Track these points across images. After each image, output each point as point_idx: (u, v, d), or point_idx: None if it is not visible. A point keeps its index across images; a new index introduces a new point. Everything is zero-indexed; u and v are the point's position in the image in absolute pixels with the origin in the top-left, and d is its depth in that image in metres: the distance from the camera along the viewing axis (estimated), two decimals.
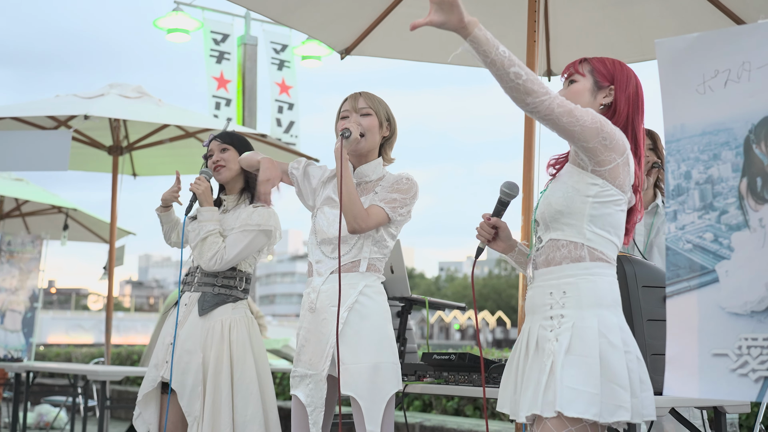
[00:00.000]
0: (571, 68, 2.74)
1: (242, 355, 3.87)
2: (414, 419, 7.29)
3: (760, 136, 2.08)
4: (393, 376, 3.19)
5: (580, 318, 2.48)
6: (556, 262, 2.57)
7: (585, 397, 2.38)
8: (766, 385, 2.03)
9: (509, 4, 4.91)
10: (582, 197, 2.54)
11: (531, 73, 2.39)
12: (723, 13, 4.55)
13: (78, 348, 16.38)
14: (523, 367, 2.59)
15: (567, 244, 2.56)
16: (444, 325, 66.82)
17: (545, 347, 2.50)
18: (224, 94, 10.78)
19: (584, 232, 2.54)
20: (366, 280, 3.24)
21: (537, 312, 2.60)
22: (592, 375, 2.39)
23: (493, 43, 2.35)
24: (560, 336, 2.47)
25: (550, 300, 2.55)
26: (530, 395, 2.49)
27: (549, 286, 2.57)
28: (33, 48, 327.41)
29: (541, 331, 2.54)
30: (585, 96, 2.67)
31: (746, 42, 2.11)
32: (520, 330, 2.75)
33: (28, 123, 7.08)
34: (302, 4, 4.94)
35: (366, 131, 3.31)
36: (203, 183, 3.93)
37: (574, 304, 2.51)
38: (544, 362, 2.48)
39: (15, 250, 8.30)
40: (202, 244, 3.87)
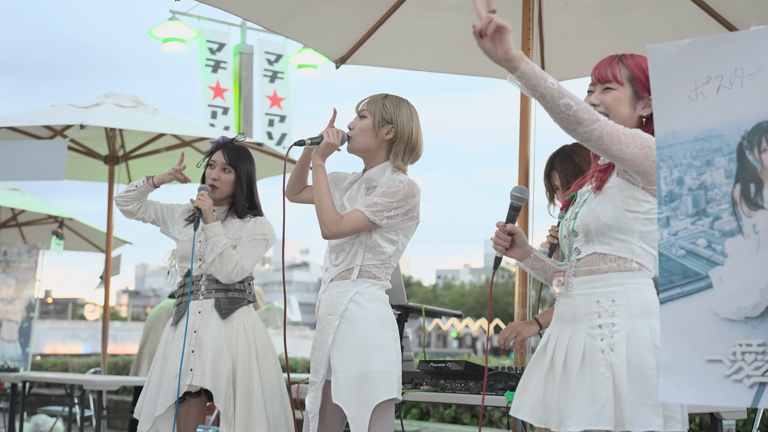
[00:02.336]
0: (608, 72, 2.63)
1: (266, 356, 4.00)
2: (411, 427, 7.28)
3: (753, 143, 2.08)
4: (381, 385, 3.13)
5: (633, 327, 2.44)
6: (602, 271, 2.52)
7: (648, 411, 2.36)
8: (761, 391, 2.03)
9: (503, 10, 4.89)
10: (633, 213, 2.50)
11: (581, 102, 2.33)
12: (716, 21, 4.56)
13: (74, 358, 16.35)
14: (562, 376, 2.51)
15: (615, 259, 2.51)
16: (441, 333, 66.72)
17: (597, 357, 2.43)
18: (221, 103, 10.79)
19: (634, 249, 2.51)
20: (357, 288, 3.23)
21: (581, 320, 2.52)
22: (652, 387, 2.36)
23: (541, 77, 2.30)
24: (615, 346, 2.42)
25: (598, 308, 2.49)
26: (584, 408, 2.41)
27: (595, 294, 2.51)
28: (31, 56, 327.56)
29: (590, 340, 2.47)
30: (625, 108, 2.59)
31: (738, 48, 2.11)
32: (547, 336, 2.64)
33: (24, 133, 7.08)
34: (297, 13, 4.95)
35: (353, 132, 3.33)
36: (207, 200, 4.01)
37: (625, 312, 2.46)
38: (601, 373, 2.41)
39: (11, 260, 8.29)
40: (220, 259, 3.96)
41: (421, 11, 5.07)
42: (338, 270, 3.27)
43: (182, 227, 4.14)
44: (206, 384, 3.89)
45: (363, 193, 3.32)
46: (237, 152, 4.12)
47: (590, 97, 2.63)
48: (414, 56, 5.51)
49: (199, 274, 4.03)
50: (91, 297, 72.43)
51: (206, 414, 6.44)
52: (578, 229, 2.57)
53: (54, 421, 9.69)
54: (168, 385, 3.94)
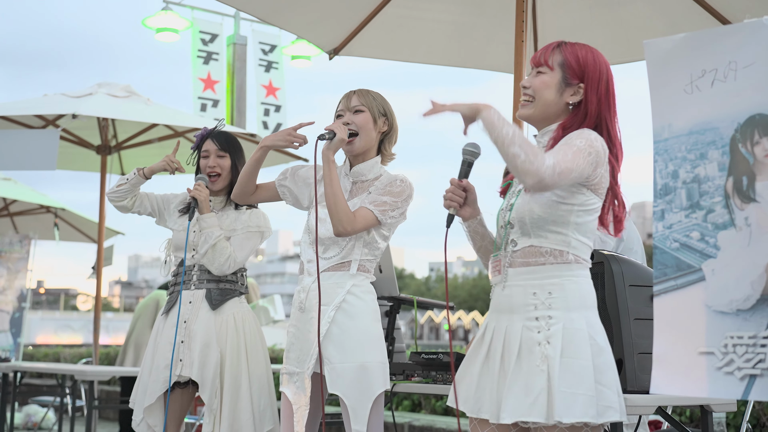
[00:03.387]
0: (541, 57, 2.63)
1: (255, 348, 3.98)
2: (403, 419, 7.29)
3: (746, 135, 2.09)
4: (380, 376, 3.17)
5: (569, 320, 2.45)
6: (539, 263, 2.51)
7: (582, 401, 2.36)
8: (751, 383, 2.04)
9: (497, 4, 4.92)
10: (567, 205, 2.49)
11: (531, 152, 2.34)
12: (709, 14, 4.57)
13: (66, 348, 16.33)
14: (500, 368, 2.51)
15: (551, 252, 2.51)
16: (434, 326, 66.85)
17: (534, 349, 2.44)
18: (211, 95, 10.75)
19: (570, 241, 2.50)
20: (354, 280, 3.23)
21: (517, 312, 2.52)
22: (586, 377, 2.38)
23: (497, 125, 2.37)
24: (551, 338, 2.42)
25: (534, 300, 2.49)
26: (518, 400, 2.42)
27: (531, 286, 2.51)
28: (24, 46, 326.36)
29: (526, 332, 2.47)
30: (550, 92, 2.59)
31: (732, 42, 2.12)
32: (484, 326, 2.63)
33: (16, 122, 7.05)
34: (291, 4, 4.94)
35: (359, 129, 3.28)
36: (204, 190, 3.99)
37: (562, 305, 2.46)
38: (536, 366, 2.42)
39: (3, 250, 8.28)
40: (213, 251, 3.95)
41: (415, 3, 5.06)
42: (330, 263, 3.26)
43: (177, 217, 4.13)
44: (194, 375, 3.88)
45: (348, 188, 3.31)
46: (227, 138, 4.11)
47: (523, 80, 2.67)
48: (407, 48, 5.50)
49: (191, 264, 4.02)
50: (84, 288, 72.38)
51: (197, 405, 6.44)
52: (514, 221, 2.57)
53: (45, 411, 9.69)
54: (157, 376, 3.93)
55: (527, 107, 2.63)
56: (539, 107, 2.61)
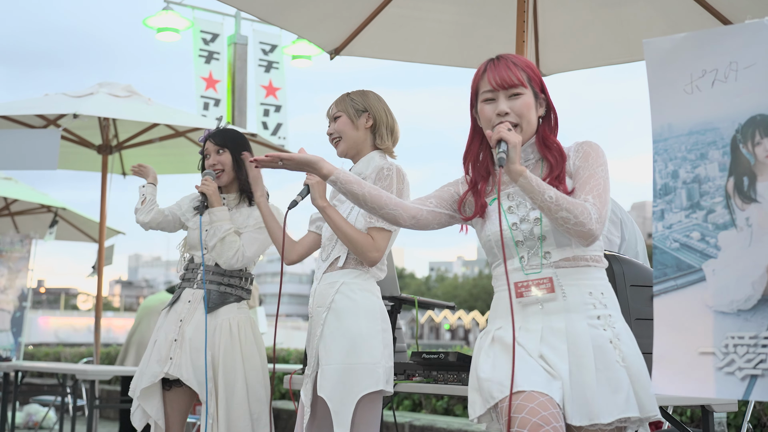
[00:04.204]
0: (512, 77, 2.51)
1: (251, 353, 3.95)
2: (403, 419, 7.29)
3: (747, 136, 2.09)
4: (365, 378, 3.11)
5: (621, 320, 2.50)
6: (585, 265, 2.50)
7: (653, 397, 2.44)
8: (752, 384, 2.04)
9: (498, 4, 4.92)
10: None
11: (578, 210, 2.37)
12: (710, 14, 4.57)
13: (67, 347, 16.33)
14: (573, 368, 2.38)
15: (592, 257, 2.52)
16: (434, 325, 66.82)
17: (607, 346, 2.41)
18: (213, 95, 10.76)
19: (602, 245, 2.56)
20: (345, 278, 3.23)
21: (576, 311, 2.44)
22: (647, 374, 2.43)
23: (537, 190, 2.38)
24: (620, 336, 2.45)
25: (591, 299, 2.47)
26: (610, 397, 2.37)
27: (585, 285, 2.48)
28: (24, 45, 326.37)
29: (593, 330, 2.43)
30: (533, 111, 2.54)
31: (733, 42, 2.12)
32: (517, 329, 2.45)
33: (17, 122, 7.05)
34: (291, 4, 4.94)
35: (340, 133, 3.37)
36: (211, 184, 4.00)
37: (613, 305, 2.51)
38: (617, 362, 2.40)
39: (4, 249, 8.28)
40: (221, 244, 3.95)
41: (416, 3, 5.07)
42: (328, 262, 3.28)
43: (192, 216, 4.13)
44: (182, 376, 3.90)
45: None
46: (224, 134, 4.11)
47: (491, 105, 2.53)
48: (408, 48, 5.50)
49: (199, 263, 4.04)
50: (84, 287, 72.41)
51: (196, 404, 6.44)
52: (547, 234, 2.48)
53: (46, 410, 9.70)
54: (149, 369, 3.98)
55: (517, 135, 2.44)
56: (527, 131, 2.54)
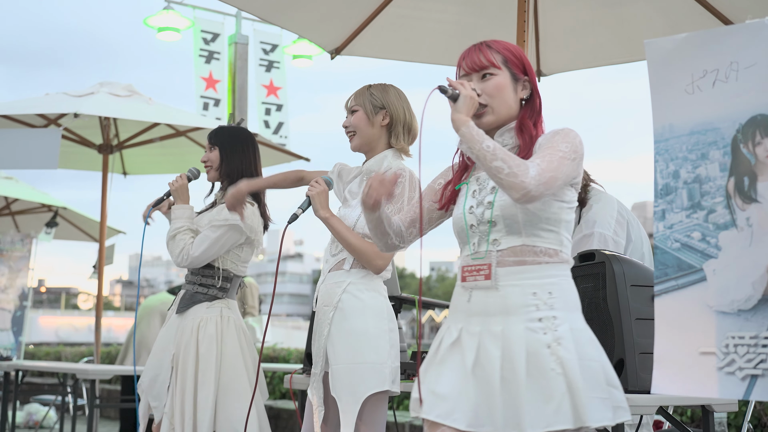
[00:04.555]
0: (482, 58, 2.49)
1: (206, 357, 3.82)
2: (404, 419, 7.29)
3: (748, 136, 2.09)
4: (371, 377, 3.09)
5: (573, 320, 2.33)
6: (535, 262, 2.37)
7: (599, 404, 2.27)
8: (753, 384, 2.04)
9: (499, 4, 4.92)
10: (560, 203, 2.39)
11: (515, 163, 2.27)
12: (711, 14, 4.57)
13: (68, 347, 16.34)
14: (500, 375, 2.30)
15: (545, 251, 2.38)
16: (435, 325, 66.79)
17: (543, 352, 2.28)
18: (213, 95, 10.76)
19: (562, 240, 2.40)
20: (351, 278, 3.22)
21: (515, 313, 2.34)
22: (599, 380, 2.29)
23: (477, 139, 2.31)
24: (561, 340, 2.28)
25: (535, 300, 2.34)
26: (540, 408, 2.25)
27: (530, 285, 2.35)
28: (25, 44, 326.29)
29: (531, 334, 2.30)
30: (509, 91, 2.48)
31: (734, 42, 2.12)
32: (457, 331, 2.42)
33: (18, 121, 7.05)
34: (292, 4, 4.94)
35: (355, 128, 3.33)
36: (179, 181, 3.98)
37: (562, 305, 2.34)
38: (552, 369, 2.26)
39: (4, 249, 8.28)
40: (171, 242, 3.90)
41: (417, 3, 5.07)
42: (335, 260, 3.28)
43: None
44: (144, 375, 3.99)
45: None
46: (219, 131, 4.08)
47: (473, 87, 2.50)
48: (409, 47, 5.50)
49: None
50: (85, 286, 72.42)
51: None
52: (498, 219, 2.41)
53: (47, 410, 9.70)
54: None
55: (486, 116, 2.47)
56: (503, 111, 2.49)
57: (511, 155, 2.30)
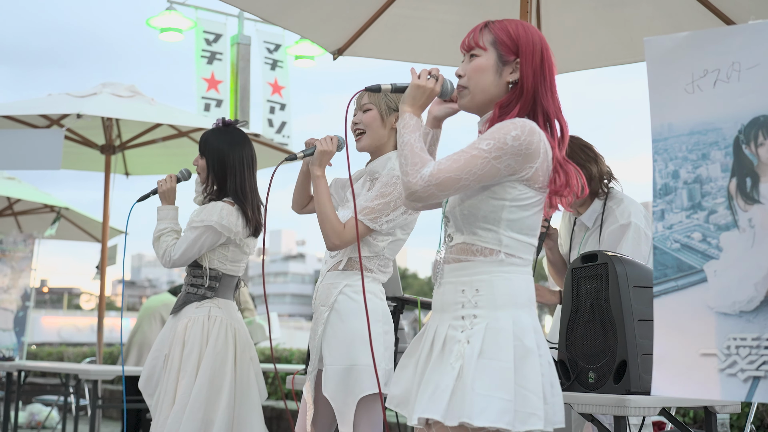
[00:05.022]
0: (471, 40, 2.48)
1: (188, 357, 3.84)
2: (404, 418, 7.29)
3: (750, 137, 2.09)
4: (366, 379, 3.10)
5: (494, 319, 2.28)
6: (470, 259, 2.36)
7: (498, 405, 2.18)
8: (755, 385, 2.04)
9: (501, 5, 4.92)
10: (497, 201, 2.33)
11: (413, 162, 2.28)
12: (714, 15, 4.57)
13: (70, 347, 16.35)
14: (423, 366, 2.38)
15: (482, 250, 2.35)
16: None
17: (453, 348, 2.29)
18: (214, 95, 10.76)
19: (501, 239, 2.33)
20: (348, 280, 3.22)
21: (447, 310, 2.37)
22: (506, 380, 2.20)
23: (401, 131, 2.36)
24: (472, 338, 2.26)
25: (462, 298, 2.34)
26: (428, 397, 2.27)
27: (461, 283, 2.35)
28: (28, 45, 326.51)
29: (451, 331, 2.32)
30: (488, 75, 2.41)
31: (736, 42, 2.12)
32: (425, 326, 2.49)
33: (21, 122, 7.06)
34: (294, 4, 4.94)
35: (366, 127, 3.30)
36: (168, 183, 3.98)
37: (488, 303, 2.30)
38: (450, 364, 2.26)
39: (7, 249, 8.29)
40: (156, 243, 3.94)
41: (419, 3, 5.07)
42: (333, 261, 3.28)
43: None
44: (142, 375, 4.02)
45: (368, 187, 3.30)
46: (207, 134, 4.06)
47: (458, 68, 2.50)
48: (411, 48, 5.50)
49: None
50: (87, 287, 72.48)
51: None
52: (448, 215, 2.43)
53: (49, 410, 9.70)
54: None
55: (463, 97, 2.45)
56: (478, 94, 2.43)
57: (419, 155, 2.30)
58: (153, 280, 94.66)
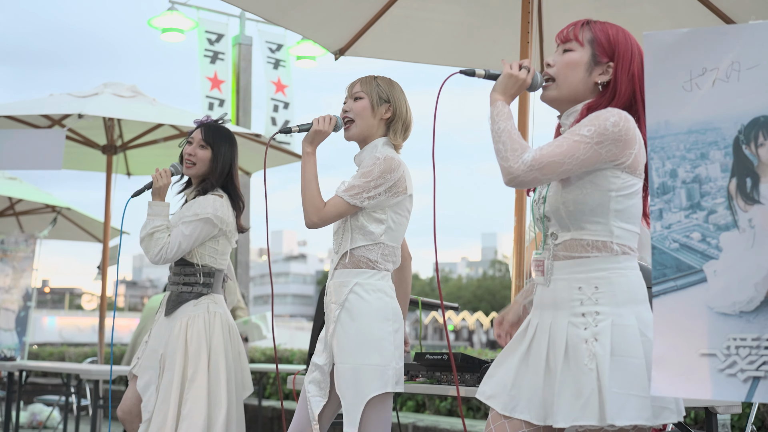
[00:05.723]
0: (570, 32, 2.50)
1: (197, 353, 3.87)
2: (407, 419, 7.29)
3: (750, 137, 2.08)
4: (375, 379, 3.11)
5: (619, 315, 2.31)
6: (583, 255, 2.38)
7: (635, 402, 2.24)
8: (755, 386, 2.04)
9: (503, 5, 4.92)
10: (603, 192, 2.36)
11: (512, 147, 2.33)
12: (715, 15, 4.57)
13: (71, 347, 16.35)
14: (545, 366, 2.38)
15: (593, 243, 2.37)
16: (438, 326, 66.75)
17: (581, 347, 2.31)
18: (217, 95, 10.77)
19: (612, 230, 2.36)
20: (358, 278, 3.20)
21: (562, 307, 2.38)
22: (639, 377, 2.26)
23: (495, 119, 2.39)
24: (599, 335, 2.29)
25: (580, 295, 2.36)
26: (571, 402, 2.29)
27: (576, 279, 2.38)
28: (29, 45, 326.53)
29: (572, 329, 2.34)
30: (579, 71, 2.46)
31: (736, 41, 2.11)
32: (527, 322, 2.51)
33: (22, 122, 7.07)
34: (296, 5, 4.95)
35: (355, 116, 3.30)
36: (165, 178, 3.96)
37: (609, 300, 2.33)
38: (586, 365, 2.28)
39: (8, 249, 8.30)
40: (149, 240, 3.90)
41: (421, 3, 5.07)
42: (338, 257, 3.28)
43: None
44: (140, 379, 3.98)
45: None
46: (215, 130, 4.08)
47: (549, 57, 2.54)
48: (413, 48, 5.50)
49: (171, 265, 4.05)
50: (89, 287, 72.51)
51: None
52: (549, 215, 2.45)
53: (50, 410, 9.70)
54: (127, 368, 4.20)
55: (550, 89, 2.50)
56: (565, 88, 2.48)
57: (517, 141, 2.34)
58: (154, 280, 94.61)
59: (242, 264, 11.28)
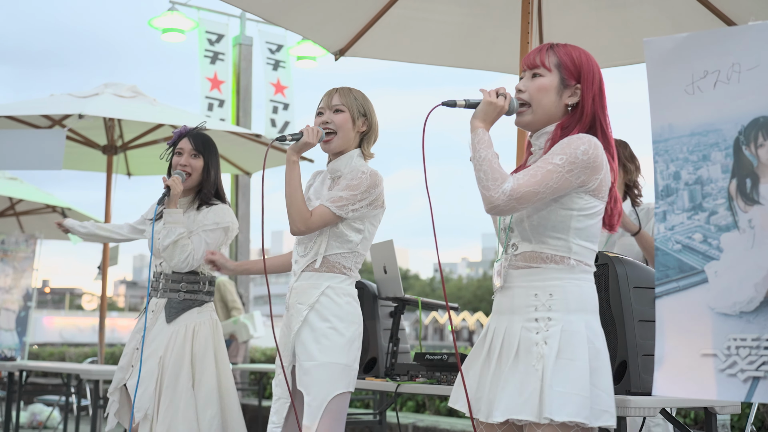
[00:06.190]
0: (536, 58, 2.59)
1: (203, 358, 3.95)
2: (407, 420, 7.30)
3: (750, 138, 2.09)
4: (342, 378, 3.20)
5: (569, 322, 2.43)
6: (540, 266, 2.50)
7: (576, 401, 2.34)
8: (755, 386, 2.04)
9: (503, 5, 4.92)
10: (567, 211, 2.48)
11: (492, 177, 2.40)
12: (715, 16, 4.57)
13: (72, 347, 16.36)
14: (497, 367, 2.51)
15: (552, 257, 2.49)
16: (438, 327, 66.77)
17: (532, 350, 2.43)
18: (217, 95, 10.77)
19: (571, 246, 2.48)
20: (330, 282, 3.28)
21: (518, 313, 2.50)
22: (582, 379, 2.36)
23: (477, 147, 2.47)
24: (549, 339, 2.41)
25: (535, 301, 2.48)
26: (512, 398, 2.41)
27: (533, 287, 2.49)
28: (30, 45, 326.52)
29: (525, 333, 2.46)
30: (551, 94, 2.55)
31: (736, 43, 2.12)
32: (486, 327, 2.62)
33: (23, 122, 7.07)
34: (296, 5, 4.95)
35: (337, 128, 3.35)
36: (180, 185, 3.98)
37: (562, 307, 2.45)
38: (532, 366, 2.40)
39: (9, 249, 8.30)
40: (174, 247, 3.93)
41: (421, 4, 5.07)
42: (306, 261, 3.32)
43: (149, 224, 4.16)
44: (129, 385, 3.95)
45: (328, 185, 3.36)
46: (204, 139, 4.11)
47: (518, 83, 2.63)
48: (413, 49, 5.51)
49: (159, 271, 4.05)
50: (89, 287, 72.54)
51: None
52: (513, 226, 2.56)
53: (50, 410, 9.71)
54: (116, 375, 4.06)
55: (525, 114, 2.59)
56: (540, 112, 2.58)
57: (497, 170, 2.43)
58: None
59: None
